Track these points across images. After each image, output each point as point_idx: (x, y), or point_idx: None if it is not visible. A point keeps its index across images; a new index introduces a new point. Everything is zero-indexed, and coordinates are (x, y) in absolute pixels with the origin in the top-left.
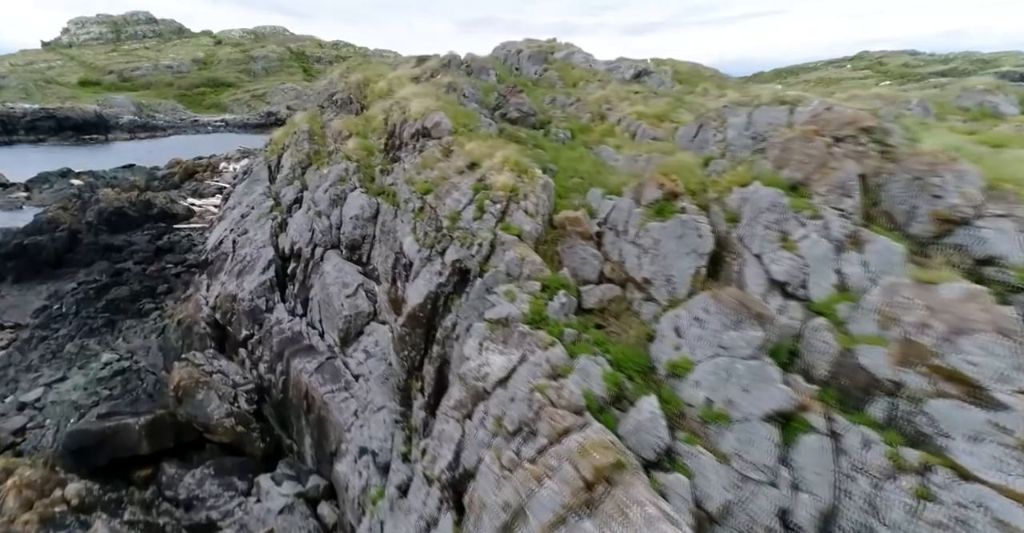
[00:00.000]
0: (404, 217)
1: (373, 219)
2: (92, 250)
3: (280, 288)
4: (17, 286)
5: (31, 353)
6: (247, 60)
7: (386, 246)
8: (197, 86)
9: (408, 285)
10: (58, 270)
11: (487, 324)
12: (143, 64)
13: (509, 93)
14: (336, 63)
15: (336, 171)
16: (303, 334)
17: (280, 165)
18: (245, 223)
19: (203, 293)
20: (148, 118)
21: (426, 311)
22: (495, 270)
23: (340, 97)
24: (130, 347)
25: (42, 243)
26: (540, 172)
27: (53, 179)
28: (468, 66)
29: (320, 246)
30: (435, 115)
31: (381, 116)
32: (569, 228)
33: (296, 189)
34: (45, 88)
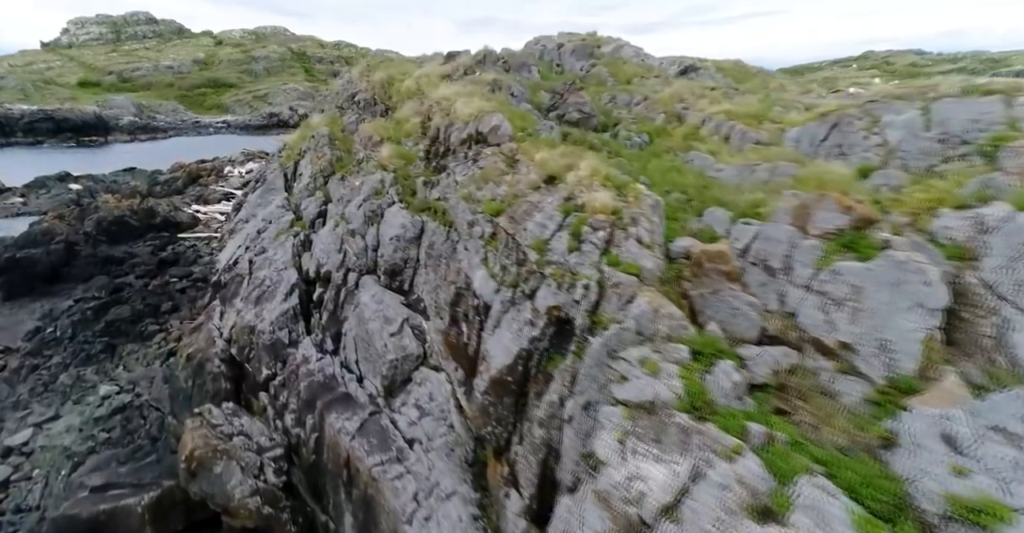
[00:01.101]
0: (469, 244)
1: (416, 241)
2: (90, 263)
3: (304, 317)
4: (8, 304)
5: (20, 385)
6: (248, 60)
7: (436, 274)
8: (198, 87)
9: (487, 336)
10: (53, 286)
11: (624, 410)
12: (143, 65)
13: (567, 91)
14: (338, 63)
15: (370, 183)
16: (337, 379)
17: (297, 173)
18: (262, 240)
19: (216, 322)
20: (148, 119)
21: (516, 375)
22: (620, 327)
23: (363, 98)
24: (131, 376)
25: (36, 256)
26: (644, 188)
27: (51, 183)
28: (505, 62)
29: (354, 271)
30: (492, 117)
31: (415, 118)
32: (707, 265)
33: (319, 201)
34: (44, 89)
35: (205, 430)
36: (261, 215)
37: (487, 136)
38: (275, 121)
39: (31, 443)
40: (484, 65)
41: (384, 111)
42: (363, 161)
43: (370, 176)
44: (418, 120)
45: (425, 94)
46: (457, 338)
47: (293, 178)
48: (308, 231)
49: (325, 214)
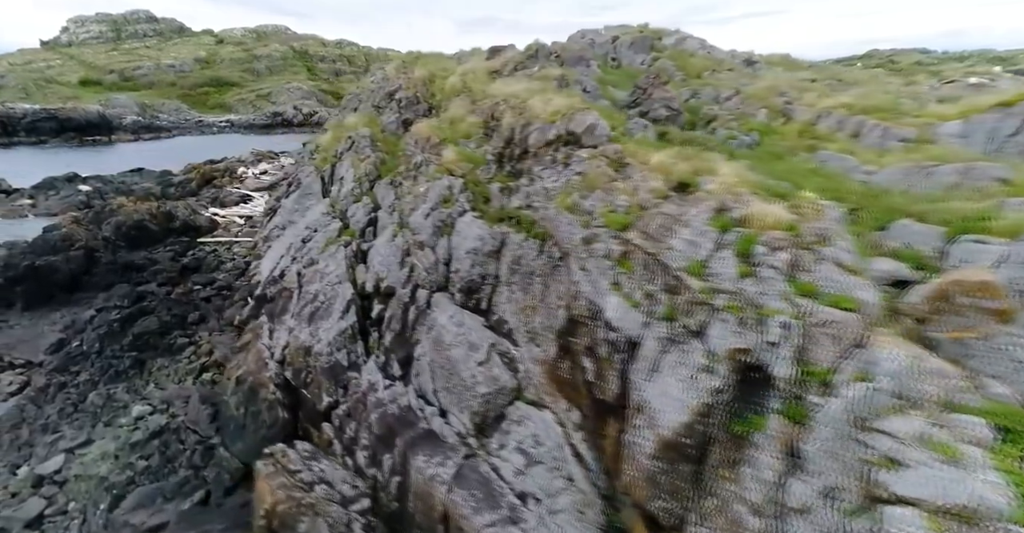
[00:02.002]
0: (588, 264)
1: (495, 255)
2: (110, 270)
3: (362, 337)
4: (28, 314)
5: (48, 406)
6: (250, 59)
7: (526, 294)
8: (200, 86)
9: (642, 382)
10: (73, 295)
11: (925, 516)
12: (145, 63)
13: (651, 86)
14: (340, 62)
15: (438, 189)
16: (415, 411)
17: (335, 176)
18: (309, 250)
19: (265, 342)
20: (152, 119)
21: (696, 436)
22: (870, 387)
23: (404, 96)
24: (164, 395)
25: (56, 264)
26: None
27: (59, 185)
28: (558, 56)
29: (424, 287)
30: (585, 116)
31: (471, 118)
32: (962, 299)
33: (367, 208)
34: (45, 88)
35: (284, 478)
36: (304, 222)
37: (581, 137)
38: (279, 120)
39: (63, 471)
40: (536, 59)
41: (428, 110)
42: (421, 165)
43: (435, 182)
44: (476, 119)
45: (473, 91)
46: (572, 373)
47: (330, 182)
48: (359, 240)
49: (375, 222)
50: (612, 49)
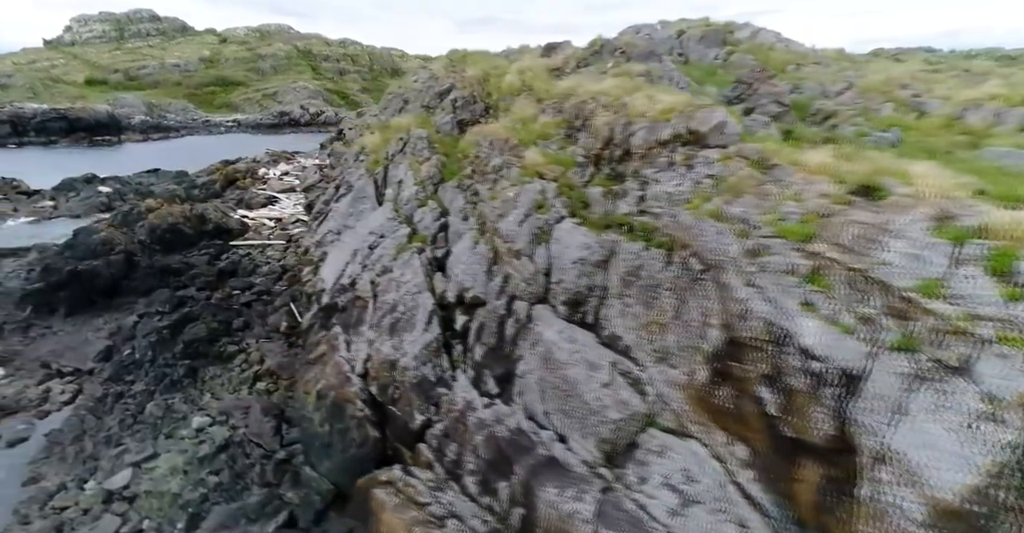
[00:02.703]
0: (760, 279)
1: (603, 265)
2: (149, 275)
3: (446, 350)
4: (71, 320)
5: (108, 417)
6: (254, 59)
7: (648, 309)
8: (206, 85)
9: (885, 429)
10: (114, 300)
11: None
12: (149, 63)
13: (756, 80)
14: (343, 61)
15: (529, 195)
16: (528, 435)
17: (388, 179)
18: (380, 258)
19: (344, 354)
20: (159, 118)
21: (989, 504)
22: None
23: (459, 96)
24: (222, 406)
25: (97, 269)
26: None
27: (79, 186)
28: (623, 52)
29: (522, 299)
30: (711, 114)
31: (543, 118)
32: None
33: (435, 213)
34: (52, 87)
35: (415, 512)
36: (365, 227)
37: (706, 136)
38: (286, 120)
39: (132, 486)
40: (599, 55)
41: (484, 110)
42: (501, 168)
43: (525, 186)
44: (551, 119)
45: (535, 90)
46: (736, 403)
47: (384, 185)
48: (432, 247)
49: (447, 228)
50: (678, 44)
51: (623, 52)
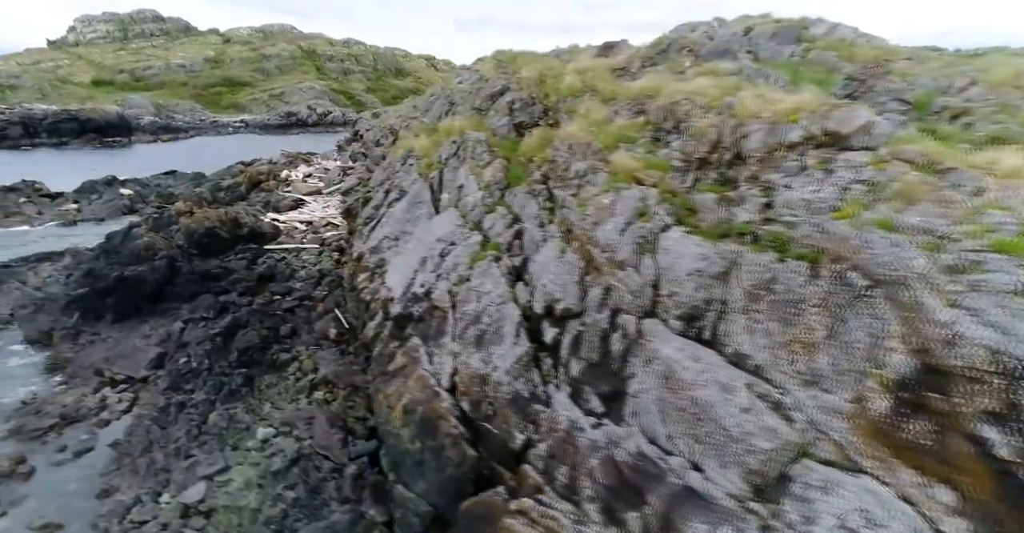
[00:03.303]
0: (974, 301)
1: (722, 277)
2: (190, 280)
3: (535, 364)
4: (118, 326)
5: (173, 427)
6: (259, 59)
7: (791, 327)
8: (212, 85)
9: None
10: (158, 305)
11: None
12: (155, 63)
13: (872, 76)
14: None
15: (629, 201)
16: (654, 461)
17: (444, 183)
18: (455, 266)
19: (427, 367)
20: (168, 119)
21: None
22: None
23: (517, 97)
24: (284, 416)
25: (143, 275)
26: None
27: (100, 188)
28: (691, 50)
29: (627, 312)
30: (853, 113)
31: (619, 119)
32: None
33: (506, 219)
34: (60, 88)
35: None
36: (430, 234)
37: (848, 138)
38: (294, 120)
39: (207, 500)
40: (667, 54)
41: (543, 112)
42: (586, 173)
43: (622, 192)
44: (630, 121)
45: (600, 91)
46: (939, 440)
47: (439, 189)
48: (508, 255)
49: (521, 235)
50: (747, 41)
51: (690, 51)
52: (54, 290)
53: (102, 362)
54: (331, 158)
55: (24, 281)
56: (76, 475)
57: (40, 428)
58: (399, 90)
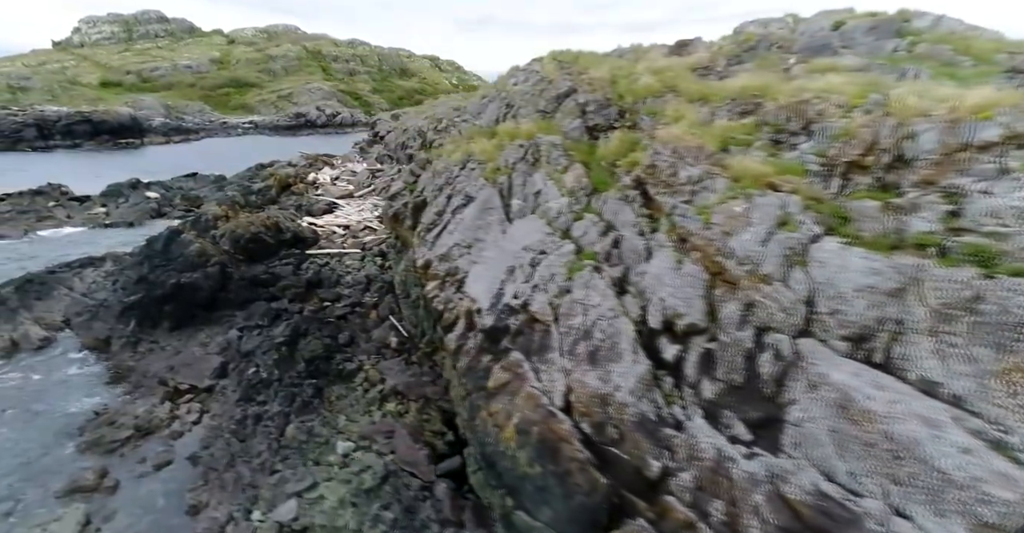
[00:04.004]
0: None
1: (898, 294)
2: (241, 287)
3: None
4: (176, 334)
5: (252, 440)
6: (265, 60)
7: (1013, 355)
8: (220, 86)
9: None
10: (213, 313)
11: None
12: (162, 64)
13: None
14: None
15: (766, 209)
16: (841, 504)
17: (514, 189)
18: (552, 276)
19: (535, 384)
20: (178, 120)
21: None
22: None
23: (591, 99)
24: (362, 429)
25: (198, 282)
26: None
27: (126, 192)
28: (780, 47)
29: (778, 331)
30: None
31: (720, 121)
32: None
33: (598, 227)
34: (71, 90)
35: None
36: (515, 242)
37: None
38: (303, 121)
39: (300, 518)
40: (756, 51)
41: (619, 114)
42: (701, 179)
43: (756, 199)
44: (736, 122)
45: (681, 91)
46: None
47: (509, 195)
48: (607, 264)
49: (618, 244)
50: (838, 37)
51: (780, 47)
52: (104, 296)
53: (165, 371)
54: (353, 160)
55: (71, 287)
56: (161, 490)
57: (117, 440)
58: (404, 91)
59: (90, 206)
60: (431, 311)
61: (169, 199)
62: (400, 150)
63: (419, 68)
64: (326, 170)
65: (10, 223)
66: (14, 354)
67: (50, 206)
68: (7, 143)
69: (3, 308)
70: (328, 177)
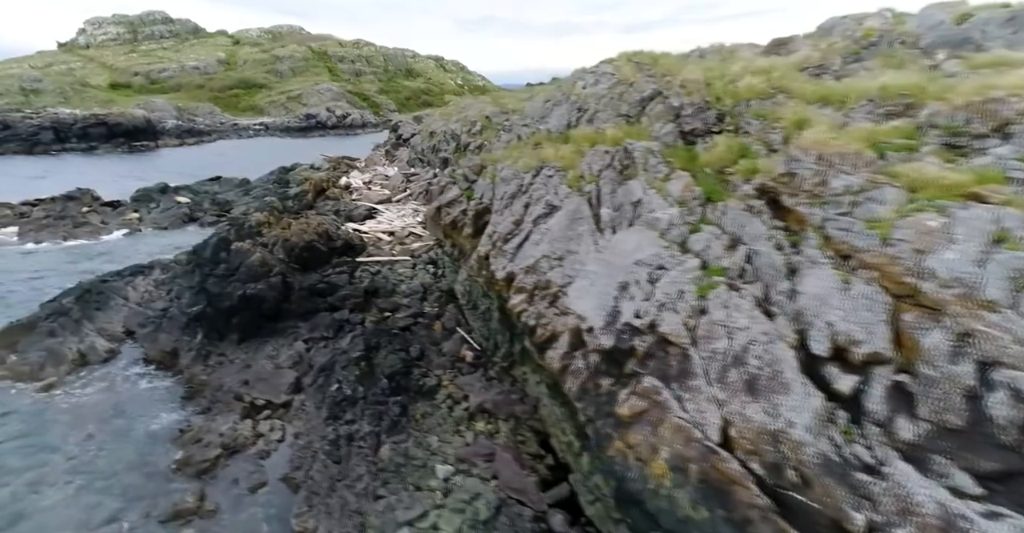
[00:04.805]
0: None
1: None
2: (302, 297)
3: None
4: (244, 347)
5: (349, 462)
6: (272, 60)
7: None
8: (229, 88)
9: None
10: (277, 324)
11: None
12: (170, 65)
13: None
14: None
15: (974, 224)
16: None
17: (602, 198)
18: (679, 293)
19: (681, 414)
20: (190, 122)
21: None
22: None
23: (685, 102)
24: (456, 451)
25: (263, 293)
26: None
27: (156, 196)
28: (903, 42)
29: (1012, 366)
30: None
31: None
32: None
33: (721, 241)
34: (82, 92)
35: None
36: (622, 256)
37: None
38: (313, 123)
39: None
40: (878, 47)
41: (718, 118)
42: (862, 189)
43: (956, 213)
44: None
45: (793, 92)
46: None
47: (598, 204)
48: (741, 281)
49: (750, 259)
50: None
51: (903, 43)
52: (162, 306)
53: (239, 386)
54: (380, 162)
55: (126, 296)
56: (262, 514)
57: (207, 459)
58: (411, 91)
59: (123, 211)
60: (514, 325)
61: (199, 203)
62: (432, 153)
63: (424, 68)
64: (355, 174)
65: (49, 230)
66: (83, 367)
67: (84, 211)
68: (25, 146)
69: (67, 319)
70: (360, 181)
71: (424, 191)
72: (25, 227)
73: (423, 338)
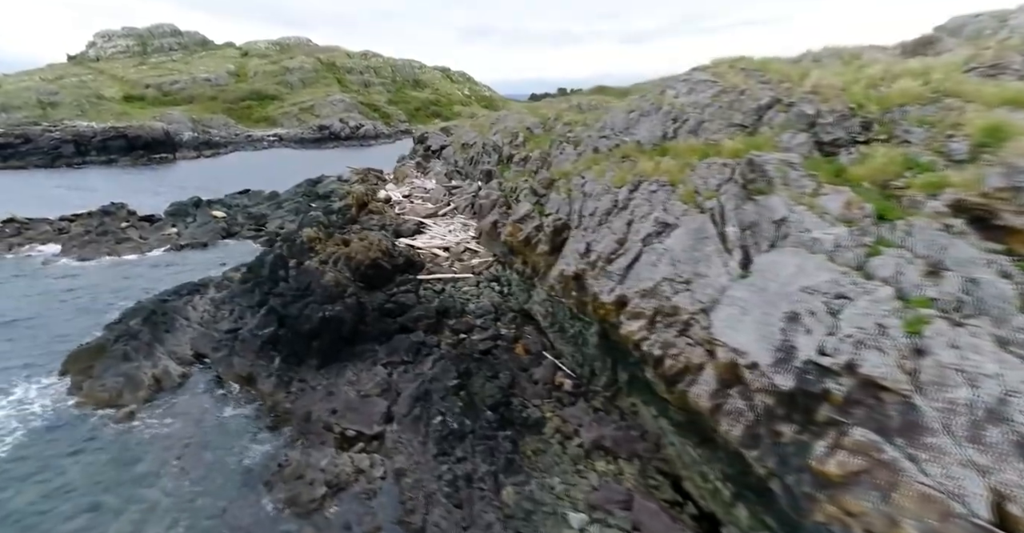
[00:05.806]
0: None
1: None
2: (375, 319)
3: None
4: (324, 372)
5: (472, 507)
6: (282, 72)
7: None
8: (241, 99)
9: None
10: (355, 347)
11: None
12: (181, 77)
13: None
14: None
15: None
16: None
17: (726, 216)
18: (879, 329)
19: (924, 481)
20: (205, 134)
21: None
22: None
23: (827, 109)
24: (586, 496)
25: (341, 315)
26: None
27: (191, 211)
28: None
29: None
30: None
31: None
32: None
33: (915, 265)
34: (98, 105)
35: None
36: (791, 283)
37: None
38: (327, 134)
39: None
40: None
41: (864, 125)
42: None
43: None
44: None
45: (966, 95)
46: None
47: (723, 222)
48: (957, 315)
49: (969, 289)
50: None
51: None
52: (225, 327)
53: (328, 415)
54: (412, 174)
55: (187, 317)
56: None
57: (314, 499)
58: (420, 102)
59: (161, 226)
60: (623, 352)
61: (233, 217)
62: (470, 165)
63: (431, 79)
64: (390, 186)
65: (92, 246)
66: (158, 392)
67: (122, 227)
68: (46, 159)
69: (139, 343)
70: (399, 194)
71: (470, 204)
72: (68, 244)
73: (508, 363)
